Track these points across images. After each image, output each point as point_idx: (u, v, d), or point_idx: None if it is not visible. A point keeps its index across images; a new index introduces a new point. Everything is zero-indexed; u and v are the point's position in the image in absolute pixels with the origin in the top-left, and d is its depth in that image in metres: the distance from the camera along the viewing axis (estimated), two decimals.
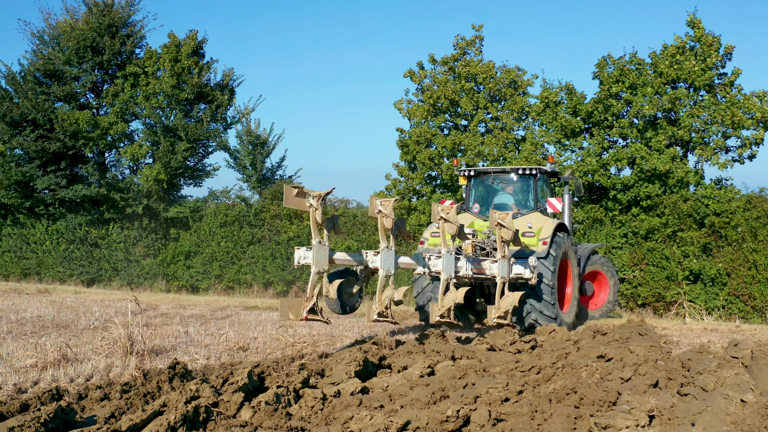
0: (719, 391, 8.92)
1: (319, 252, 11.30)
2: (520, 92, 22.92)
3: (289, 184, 10.92)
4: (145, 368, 10.33)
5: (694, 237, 20.07)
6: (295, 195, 10.76)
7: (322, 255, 11.34)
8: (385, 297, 11.90)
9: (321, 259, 11.30)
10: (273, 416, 7.91)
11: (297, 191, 10.76)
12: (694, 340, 14.41)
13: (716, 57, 20.16)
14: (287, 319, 11.12)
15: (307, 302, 11.11)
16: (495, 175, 16.22)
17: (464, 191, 16.51)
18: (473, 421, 7.62)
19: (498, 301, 13.48)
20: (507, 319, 13.51)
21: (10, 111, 25.52)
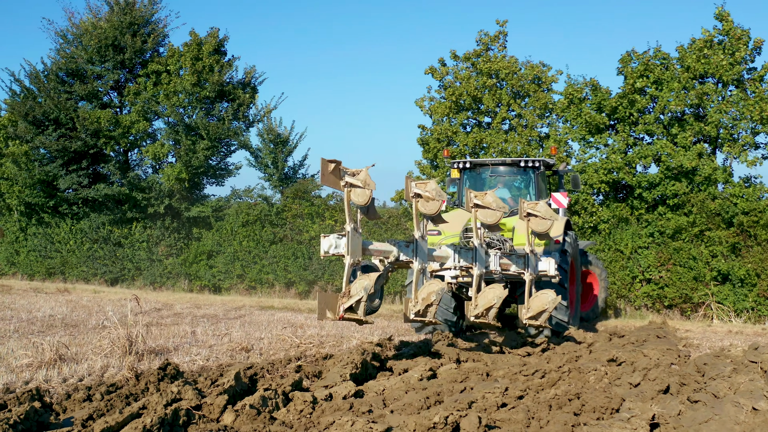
0: (730, 398, 8.46)
1: (354, 239, 9.82)
2: (543, 89, 22.40)
3: (326, 160, 9.54)
4: (140, 369, 10.17)
5: (722, 236, 19.39)
6: (330, 171, 9.54)
7: (357, 243, 9.89)
8: (427, 293, 10.47)
9: (356, 248, 9.84)
10: (255, 420, 7.63)
11: (333, 167, 9.55)
12: (716, 343, 13.84)
13: (745, 51, 19.45)
14: (325, 318, 9.87)
15: (344, 299, 9.79)
16: (493, 168, 15.04)
17: (456, 185, 15.43)
18: (463, 428, 7.27)
19: (528, 300, 12.27)
20: (540, 320, 12.19)
21: (32, 110, 25.70)
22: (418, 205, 10.52)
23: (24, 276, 27.92)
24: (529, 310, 12.16)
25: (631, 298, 20.43)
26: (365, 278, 9.84)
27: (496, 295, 11.17)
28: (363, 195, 9.79)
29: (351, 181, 9.70)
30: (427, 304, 10.46)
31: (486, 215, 11.50)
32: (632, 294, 20.42)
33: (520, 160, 14.75)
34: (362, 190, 9.77)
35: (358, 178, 9.75)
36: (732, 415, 7.95)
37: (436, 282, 10.61)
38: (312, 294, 23.67)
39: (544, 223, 12.38)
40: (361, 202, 9.85)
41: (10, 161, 27.13)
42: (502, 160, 15.22)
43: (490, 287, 11.32)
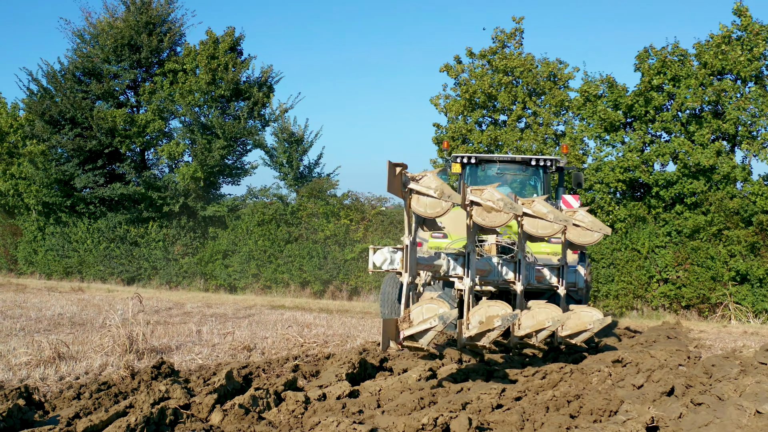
0: (733, 400, 8.19)
1: (412, 255, 8.81)
2: (560, 86, 22.10)
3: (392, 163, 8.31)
4: (139, 368, 10.10)
5: (741, 236, 18.98)
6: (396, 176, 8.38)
7: (415, 259, 8.90)
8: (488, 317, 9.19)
9: (413, 265, 8.85)
10: (243, 420, 7.51)
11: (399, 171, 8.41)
12: (729, 345, 13.51)
13: (764, 46, 19.03)
14: (388, 348, 8.59)
15: (404, 324, 8.57)
16: (501, 165, 14.09)
17: (458, 181, 14.42)
18: (453, 429, 7.10)
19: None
20: (577, 339, 10.77)
21: (48, 109, 25.87)
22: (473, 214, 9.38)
23: (42, 275, 28.13)
24: (565, 328, 10.77)
25: (648, 298, 20.09)
26: (442, 304, 8.56)
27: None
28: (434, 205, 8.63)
29: (415, 188, 8.65)
30: (487, 329, 9.23)
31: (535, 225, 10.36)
32: (649, 294, 20.07)
33: (530, 158, 13.91)
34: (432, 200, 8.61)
35: (424, 185, 8.64)
36: (734, 418, 7.69)
37: (499, 304, 9.33)
38: (327, 293, 23.59)
39: (587, 235, 11.03)
40: (429, 214, 8.70)
41: (27, 161, 27.34)
42: (511, 157, 14.40)
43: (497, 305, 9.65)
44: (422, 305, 8.64)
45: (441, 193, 8.58)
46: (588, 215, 11.19)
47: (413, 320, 8.59)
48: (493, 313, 9.15)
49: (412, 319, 8.61)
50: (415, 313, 8.64)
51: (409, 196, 8.70)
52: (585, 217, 11.12)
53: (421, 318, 8.57)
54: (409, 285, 8.82)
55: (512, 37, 22.48)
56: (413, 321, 8.57)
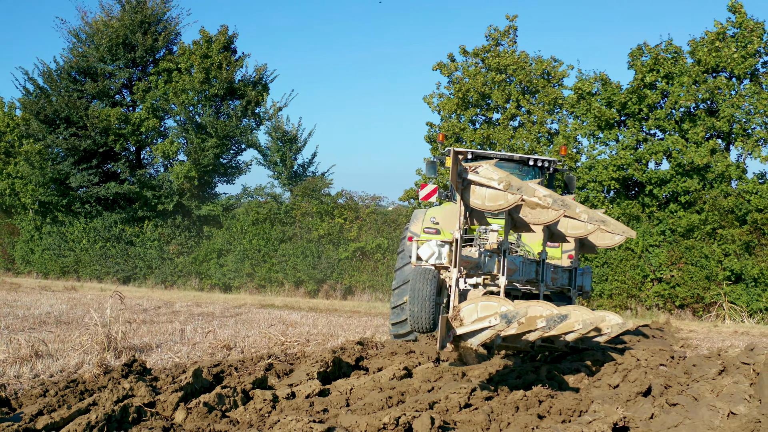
0: (707, 401, 8.08)
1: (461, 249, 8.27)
2: (554, 84, 21.95)
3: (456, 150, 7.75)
4: (114, 366, 10.05)
5: (736, 234, 18.80)
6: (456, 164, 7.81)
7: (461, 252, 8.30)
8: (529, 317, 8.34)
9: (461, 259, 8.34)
10: (206, 418, 7.44)
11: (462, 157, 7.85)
12: (717, 344, 13.37)
13: (759, 43, 18.82)
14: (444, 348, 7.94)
15: (455, 322, 7.98)
16: (499, 162, 13.26)
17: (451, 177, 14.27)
18: (415, 429, 7.01)
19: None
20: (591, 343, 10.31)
21: (43, 109, 25.86)
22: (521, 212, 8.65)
23: (38, 274, 28.14)
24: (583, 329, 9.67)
25: (642, 297, 19.93)
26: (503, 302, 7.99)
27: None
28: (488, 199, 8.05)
29: (474, 179, 8.10)
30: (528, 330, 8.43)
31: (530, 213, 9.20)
32: (643, 293, 19.91)
33: (530, 157, 13.45)
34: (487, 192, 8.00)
35: (484, 176, 8.06)
36: (706, 419, 7.57)
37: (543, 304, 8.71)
38: (320, 292, 23.51)
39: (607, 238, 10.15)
40: (477, 204, 8.11)
41: (24, 160, 27.35)
42: (509, 156, 13.91)
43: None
44: (475, 303, 8.14)
45: (507, 185, 8.05)
46: (611, 219, 10.62)
47: (463, 318, 8.08)
48: (536, 314, 8.37)
49: (462, 317, 8.10)
50: (466, 311, 8.11)
51: (462, 187, 8.12)
52: (607, 218, 10.14)
53: (475, 316, 8.05)
54: (458, 280, 8.35)
55: (506, 35, 22.34)
56: (464, 319, 8.06)
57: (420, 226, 12.87)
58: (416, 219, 13.26)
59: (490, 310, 7.94)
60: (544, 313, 8.36)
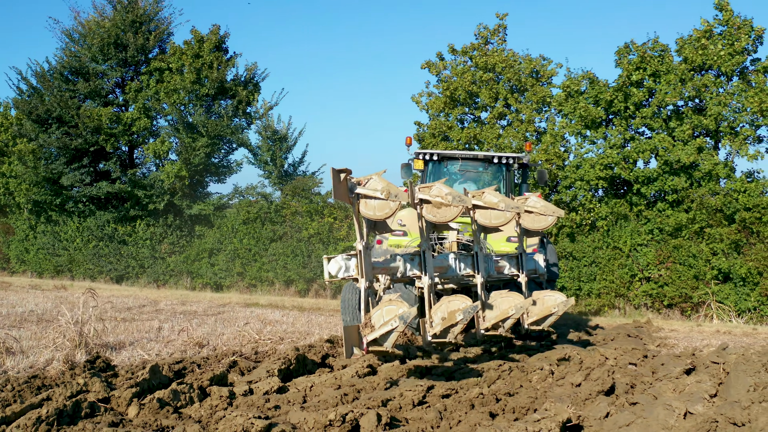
0: (663, 400, 8.02)
1: (367, 259, 8.74)
2: (542, 82, 21.88)
3: (336, 170, 8.33)
4: (78, 362, 10.08)
5: (724, 233, 18.68)
6: (341, 182, 8.35)
7: (370, 263, 8.81)
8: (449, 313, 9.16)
9: (369, 269, 8.78)
10: (158, 414, 7.47)
11: (343, 177, 8.35)
12: (695, 344, 13.28)
13: (746, 41, 18.70)
14: (353, 355, 8.56)
15: (366, 330, 8.41)
16: (463, 162, 14.00)
17: (420, 177, 14.45)
18: (362, 426, 7.00)
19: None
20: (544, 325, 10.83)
21: (36, 108, 25.96)
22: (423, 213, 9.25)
23: (33, 274, 28.24)
24: (530, 315, 10.81)
25: (630, 297, 19.82)
26: (401, 305, 8.40)
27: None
28: (382, 207, 8.51)
29: (361, 192, 8.57)
30: (450, 325, 9.08)
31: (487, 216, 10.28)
32: (631, 293, 19.80)
33: (493, 155, 13.79)
34: (380, 202, 8.49)
35: (371, 187, 8.56)
36: (661, 418, 7.52)
37: (460, 298, 9.23)
38: (311, 292, 23.50)
39: (541, 220, 11.19)
40: (379, 216, 8.56)
41: (17, 159, 27.47)
42: (474, 154, 14.31)
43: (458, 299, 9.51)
44: (382, 308, 8.49)
45: (387, 194, 8.50)
46: (540, 200, 11.29)
47: (374, 324, 8.45)
48: (455, 308, 9.04)
49: (373, 323, 8.47)
50: (375, 317, 8.49)
51: (356, 201, 8.61)
52: (537, 202, 11.21)
53: (381, 321, 8.42)
54: (367, 290, 8.71)
55: (496, 34, 22.29)
56: (375, 325, 8.43)
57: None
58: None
59: (392, 314, 8.31)
60: (460, 306, 8.99)
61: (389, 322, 8.30)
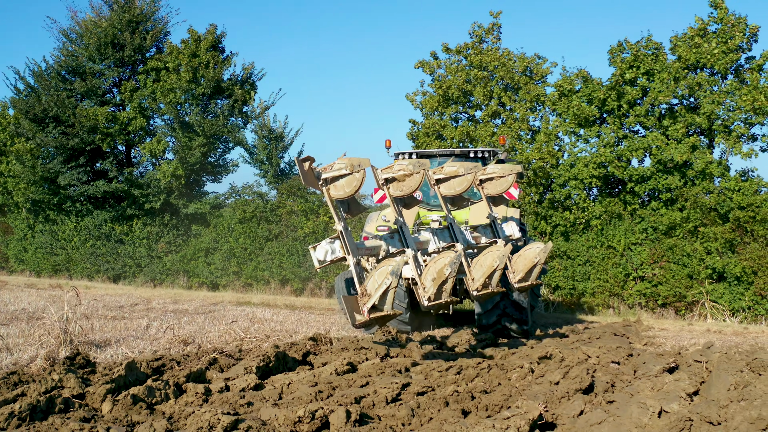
0: (638, 398, 8.00)
1: (350, 237, 9.04)
2: (536, 81, 21.83)
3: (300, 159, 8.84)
4: (59, 359, 10.12)
5: (718, 232, 18.60)
6: (307, 170, 8.78)
7: (353, 241, 9.09)
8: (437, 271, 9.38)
9: (354, 247, 9.07)
10: (131, 410, 7.50)
11: (308, 165, 8.79)
12: (683, 342, 13.23)
13: (741, 39, 18.61)
14: (357, 322, 8.67)
15: (364, 299, 8.66)
16: (441, 158, 14.51)
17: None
18: (331, 422, 7.00)
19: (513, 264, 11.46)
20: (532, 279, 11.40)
21: (32, 108, 26.03)
22: (390, 191, 9.76)
23: (31, 273, 28.31)
24: (516, 273, 11.26)
25: (624, 296, 19.76)
26: (388, 263, 8.69)
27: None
28: (350, 182, 8.94)
29: (328, 176, 8.95)
30: (441, 282, 9.29)
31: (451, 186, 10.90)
32: (626, 292, 19.74)
33: (469, 150, 14.39)
34: (347, 178, 8.93)
35: (335, 170, 8.94)
36: (634, 417, 7.51)
37: (443, 255, 9.49)
38: (306, 291, 23.48)
39: (502, 182, 11.59)
40: (348, 192, 8.99)
41: (14, 158, 27.54)
42: (450, 151, 14.79)
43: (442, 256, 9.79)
44: (373, 274, 8.79)
45: (351, 167, 8.91)
46: (496, 165, 11.76)
47: (370, 292, 8.72)
48: (441, 264, 9.29)
49: (369, 292, 8.73)
50: (370, 285, 8.78)
51: (326, 187, 8.95)
52: (493, 168, 11.66)
53: (375, 286, 8.71)
54: (356, 265, 8.95)
55: (490, 33, 22.26)
56: (370, 293, 8.70)
57: (374, 226, 13.92)
58: (371, 220, 14.44)
59: (383, 275, 8.64)
60: (446, 261, 9.26)
61: (383, 283, 8.60)
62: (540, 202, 21.13)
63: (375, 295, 8.61)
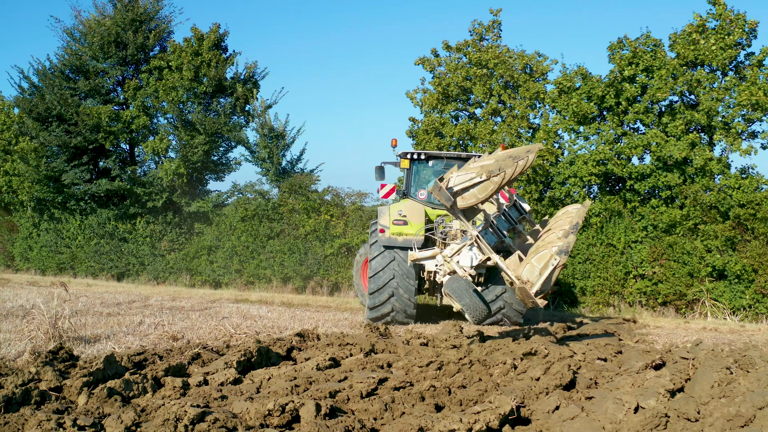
0: (614, 394, 7.97)
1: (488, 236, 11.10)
2: (536, 78, 21.74)
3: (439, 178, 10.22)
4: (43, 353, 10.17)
5: (718, 230, 18.45)
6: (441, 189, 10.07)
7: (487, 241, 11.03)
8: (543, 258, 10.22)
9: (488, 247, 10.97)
10: (106, 403, 7.52)
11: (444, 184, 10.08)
12: (676, 340, 13.14)
13: (739, 34, 18.44)
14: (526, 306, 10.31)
15: (527, 285, 9.83)
16: (447, 161, 15.28)
17: (405, 175, 15.75)
18: (301, 416, 6.99)
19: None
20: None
21: (36, 106, 26.18)
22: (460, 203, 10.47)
23: (36, 271, 28.47)
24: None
25: (624, 294, 19.63)
26: (554, 243, 9.85)
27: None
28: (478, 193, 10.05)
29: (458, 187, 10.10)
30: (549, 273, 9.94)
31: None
32: (626, 290, 19.61)
33: (471, 155, 14.63)
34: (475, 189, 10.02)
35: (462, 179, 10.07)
36: (609, 413, 7.47)
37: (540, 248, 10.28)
38: (307, 289, 23.48)
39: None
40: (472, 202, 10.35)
41: (18, 157, 27.71)
42: (457, 154, 15.45)
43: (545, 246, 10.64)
44: (528, 262, 9.87)
45: (488, 172, 9.80)
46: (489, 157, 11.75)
47: (529, 279, 9.78)
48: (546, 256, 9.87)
49: (527, 279, 9.80)
50: (527, 272, 9.84)
51: (454, 200, 10.04)
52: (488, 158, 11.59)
53: (537, 270, 9.75)
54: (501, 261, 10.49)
55: (490, 30, 22.19)
56: (531, 279, 9.76)
57: (389, 219, 14.35)
58: (383, 214, 14.77)
59: (546, 257, 9.71)
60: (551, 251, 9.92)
61: (549, 264, 9.62)
62: (540, 200, 21.06)
63: (540, 279, 9.62)
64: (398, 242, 14.06)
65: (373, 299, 14.15)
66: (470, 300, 10.37)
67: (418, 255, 12.23)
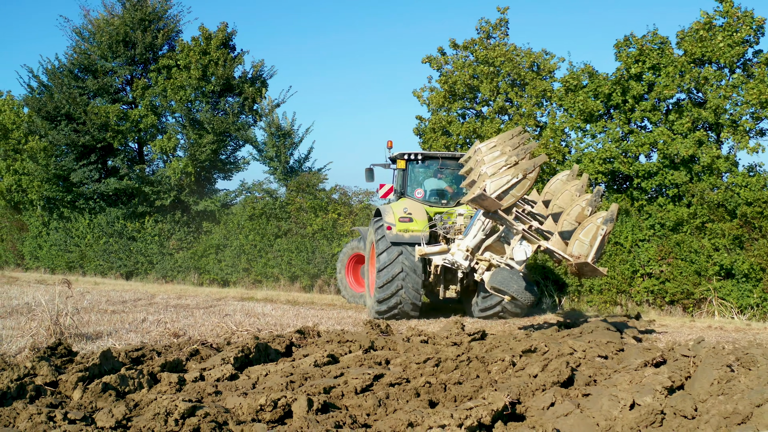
0: (611, 391, 7.89)
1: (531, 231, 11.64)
2: (544, 76, 21.65)
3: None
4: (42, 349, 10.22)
5: (725, 229, 18.27)
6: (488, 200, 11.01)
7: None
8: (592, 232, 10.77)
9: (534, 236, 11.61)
10: (100, 397, 7.54)
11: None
12: (680, 338, 13.03)
13: (747, 31, 18.28)
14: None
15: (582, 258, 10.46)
16: (443, 161, 15.77)
17: (400, 176, 16.19)
18: (294, 410, 6.99)
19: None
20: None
21: (45, 105, 26.35)
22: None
23: (46, 270, 28.64)
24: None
25: (631, 293, 19.49)
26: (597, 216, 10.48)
27: None
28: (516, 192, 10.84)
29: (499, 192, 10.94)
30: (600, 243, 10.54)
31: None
32: (633, 289, 19.47)
33: (459, 154, 15.41)
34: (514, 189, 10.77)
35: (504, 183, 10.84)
36: (604, 410, 7.41)
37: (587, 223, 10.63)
38: (315, 287, 23.49)
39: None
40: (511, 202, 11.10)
41: (28, 156, 27.90)
42: (452, 154, 15.90)
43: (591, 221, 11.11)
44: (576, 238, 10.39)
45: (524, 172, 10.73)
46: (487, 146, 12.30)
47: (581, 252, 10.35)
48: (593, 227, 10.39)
49: (578, 254, 10.38)
50: (577, 247, 10.40)
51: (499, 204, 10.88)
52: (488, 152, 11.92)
53: (587, 242, 10.28)
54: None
55: (497, 28, 22.13)
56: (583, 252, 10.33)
57: (394, 217, 14.82)
58: (387, 212, 15.19)
59: (594, 228, 10.29)
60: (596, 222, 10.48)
61: (597, 234, 10.19)
62: None
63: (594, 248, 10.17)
64: (405, 238, 14.55)
65: (382, 293, 14.59)
66: (518, 286, 11.12)
67: (426, 250, 13.12)
